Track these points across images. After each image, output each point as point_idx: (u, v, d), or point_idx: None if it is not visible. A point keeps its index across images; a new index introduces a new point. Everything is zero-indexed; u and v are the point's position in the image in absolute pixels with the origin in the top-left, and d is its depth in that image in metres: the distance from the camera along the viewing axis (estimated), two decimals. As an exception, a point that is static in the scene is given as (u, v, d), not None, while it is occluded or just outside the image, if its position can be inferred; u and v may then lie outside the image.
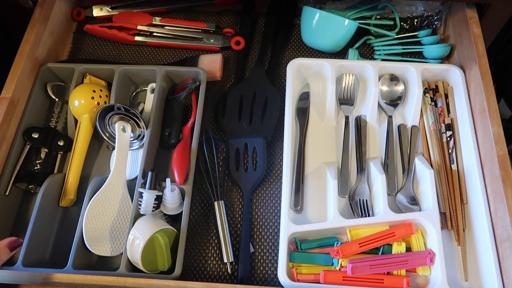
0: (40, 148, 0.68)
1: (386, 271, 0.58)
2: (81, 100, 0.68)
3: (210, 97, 0.76)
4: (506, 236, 0.56)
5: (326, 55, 0.80)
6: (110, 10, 0.84)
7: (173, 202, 0.62)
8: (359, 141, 0.69)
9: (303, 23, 0.78)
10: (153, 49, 0.82)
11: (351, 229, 0.61)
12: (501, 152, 0.60)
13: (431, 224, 0.60)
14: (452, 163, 0.67)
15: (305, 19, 0.77)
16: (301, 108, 0.73)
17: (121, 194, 0.64)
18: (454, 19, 0.78)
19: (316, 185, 0.67)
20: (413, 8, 0.83)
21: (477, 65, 0.67)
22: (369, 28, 0.80)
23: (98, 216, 0.61)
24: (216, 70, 0.76)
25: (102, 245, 0.60)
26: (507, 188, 0.58)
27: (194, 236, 0.65)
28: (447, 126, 0.69)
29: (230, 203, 0.67)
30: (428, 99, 0.72)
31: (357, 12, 0.78)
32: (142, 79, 0.75)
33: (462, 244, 0.62)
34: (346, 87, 0.73)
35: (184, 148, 0.66)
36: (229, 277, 0.62)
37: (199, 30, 0.82)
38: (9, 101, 0.65)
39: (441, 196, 0.64)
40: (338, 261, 0.58)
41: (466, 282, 0.60)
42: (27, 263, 0.58)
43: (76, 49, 0.82)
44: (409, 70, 0.72)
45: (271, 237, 0.65)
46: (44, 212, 0.63)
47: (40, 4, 0.75)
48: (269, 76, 0.76)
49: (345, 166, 0.68)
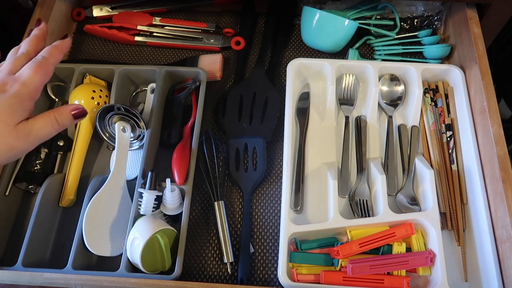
0: (40, 148, 0.68)
1: (386, 272, 0.58)
2: (81, 100, 0.67)
3: (210, 97, 0.76)
4: (506, 236, 0.56)
5: (326, 55, 0.80)
6: (110, 10, 0.84)
7: (173, 202, 0.62)
8: (359, 141, 0.69)
9: (303, 23, 0.78)
10: (153, 49, 0.82)
11: (351, 229, 0.61)
12: (501, 152, 0.60)
13: (431, 224, 0.60)
14: (452, 163, 0.67)
15: (305, 19, 0.77)
16: (301, 108, 0.73)
17: (121, 194, 0.64)
18: (454, 19, 0.78)
19: (316, 185, 0.67)
20: (413, 8, 0.83)
21: (477, 65, 0.67)
22: (369, 28, 0.80)
23: (98, 216, 0.61)
24: (216, 70, 0.76)
25: (102, 245, 0.60)
26: (507, 188, 0.58)
27: (194, 236, 0.65)
28: (447, 126, 0.69)
29: (230, 203, 0.67)
30: (428, 99, 0.72)
31: (357, 12, 0.78)
32: (142, 79, 0.75)
33: (462, 244, 0.62)
34: (346, 87, 0.73)
35: (184, 148, 0.66)
36: (229, 277, 0.62)
37: (199, 30, 0.82)
38: (9, 101, 0.65)
39: (441, 196, 0.64)
40: (338, 261, 0.58)
41: (466, 282, 0.60)
42: (27, 263, 0.58)
43: (76, 49, 0.82)
44: (409, 70, 0.72)
45: (271, 237, 0.65)
46: (44, 212, 0.63)
47: (40, 4, 0.75)
48: (269, 76, 0.76)
49: (345, 166, 0.68)
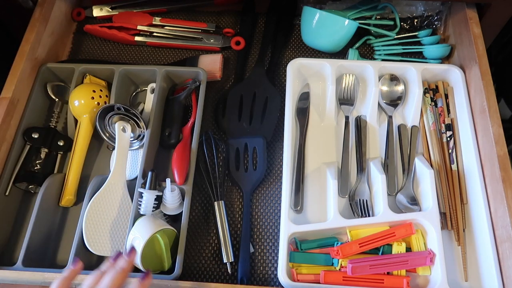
0: (40, 148, 0.68)
1: (386, 271, 0.58)
2: (81, 100, 0.68)
3: (210, 97, 0.76)
4: (506, 236, 0.56)
5: (326, 55, 0.80)
6: (110, 10, 0.84)
7: (173, 202, 0.62)
8: (359, 141, 0.69)
9: (303, 23, 0.78)
10: (153, 49, 0.82)
11: (351, 229, 0.61)
12: (501, 152, 0.60)
13: (431, 224, 0.60)
14: (452, 163, 0.67)
15: (305, 19, 0.77)
16: (301, 108, 0.73)
17: (121, 194, 0.64)
18: (454, 19, 0.78)
19: (316, 185, 0.67)
20: (413, 8, 0.83)
21: (477, 65, 0.67)
22: (369, 28, 0.80)
23: (98, 216, 0.61)
24: (216, 70, 0.76)
25: (102, 245, 0.60)
26: (507, 188, 0.58)
27: (194, 236, 0.65)
28: (447, 126, 0.69)
29: (230, 203, 0.67)
30: (428, 99, 0.72)
31: (357, 12, 0.78)
32: (142, 79, 0.75)
33: (462, 244, 0.62)
34: (346, 87, 0.73)
35: (184, 148, 0.66)
36: (229, 277, 0.62)
37: (199, 30, 0.82)
38: (9, 101, 0.65)
39: (441, 196, 0.64)
40: (338, 261, 0.58)
41: (466, 282, 0.60)
42: (27, 263, 0.58)
43: (76, 49, 0.82)
44: (409, 70, 0.72)
45: (271, 237, 0.65)
46: (44, 212, 0.63)
47: (40, 4, 0.75)
48: (269, 76, 0.76)
49: (345, 166, 0.68)
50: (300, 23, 0.79)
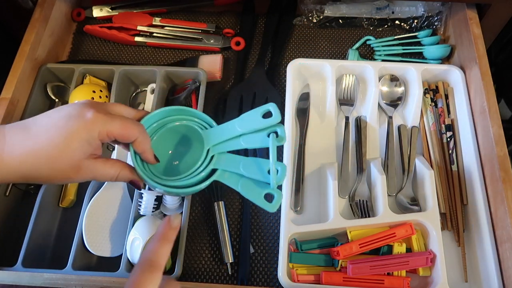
0: (40, 149, 0.68)
1: (386, 272, 0.58)
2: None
3: (210, 97, 0.76)
4: (506, 237, 0.56)
5: (326, 56, 0.80)
6: (110, 11, 0.84)
7: (173, 202, 0.62)
8: (359, 142, 0.69)
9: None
10: (153, 50, 0.82)
11: (351, 230, 0.61)
12: (501, 152, 0.60)
13: (431, 225, 0.60)
14: (452, 164, 0.67)
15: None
16: (301, 108, 0.73)
17: (121, 194, 0.64)
18: (454, 19, 0.78)
19: (316, 186, 0.67)
20: (413, 9, 0.83)
21: (477, 66, 0.67)
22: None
23: (98, 216, 0.61)
24: (216, 71, 0.76)
25: (102, 246, 0.60)
26: (507, 189, 0.58)
27: (194, 237, 0.65)
28: (447, 127, 0.69)
29: (230, 203, 0.67)
30: (428, 100, 0.72)
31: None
32: (142, 80, 0.75)
33: (462, 245, 0.62)
34: (346, 87, 0.73)
35: (184, 148, 0.66)
36: (229, 277, 0.62)
37: (199, 31, 0.82)
38: (9, 101, 0.65)
39: (441, 196, 0.64)
40: (338, 262, 0.58)
41: (466, 283, 0.60)
42: (27, 263, 0.58)
43: (76, 50, 0.82)
44: (409, 71, 0.72)
45: (271, 237, 0.65)
46: (44, 212, 0.63)
47: (40, 5, 0.75)
48: (269, 77, 0.76)
49: (345, 167, 0.67)
50: (301, 25, 0.78)
